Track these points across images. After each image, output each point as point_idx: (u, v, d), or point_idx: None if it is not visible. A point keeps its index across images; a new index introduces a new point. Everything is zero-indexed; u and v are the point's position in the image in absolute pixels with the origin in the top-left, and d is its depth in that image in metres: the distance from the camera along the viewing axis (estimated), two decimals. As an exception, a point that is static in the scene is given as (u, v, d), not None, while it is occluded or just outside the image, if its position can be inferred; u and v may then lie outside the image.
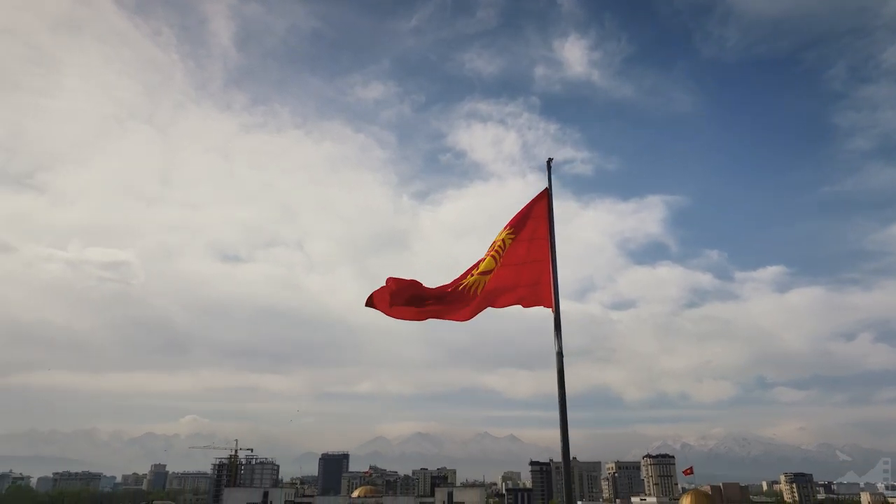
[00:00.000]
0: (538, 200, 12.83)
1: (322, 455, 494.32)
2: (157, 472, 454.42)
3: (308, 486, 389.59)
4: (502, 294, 12.55)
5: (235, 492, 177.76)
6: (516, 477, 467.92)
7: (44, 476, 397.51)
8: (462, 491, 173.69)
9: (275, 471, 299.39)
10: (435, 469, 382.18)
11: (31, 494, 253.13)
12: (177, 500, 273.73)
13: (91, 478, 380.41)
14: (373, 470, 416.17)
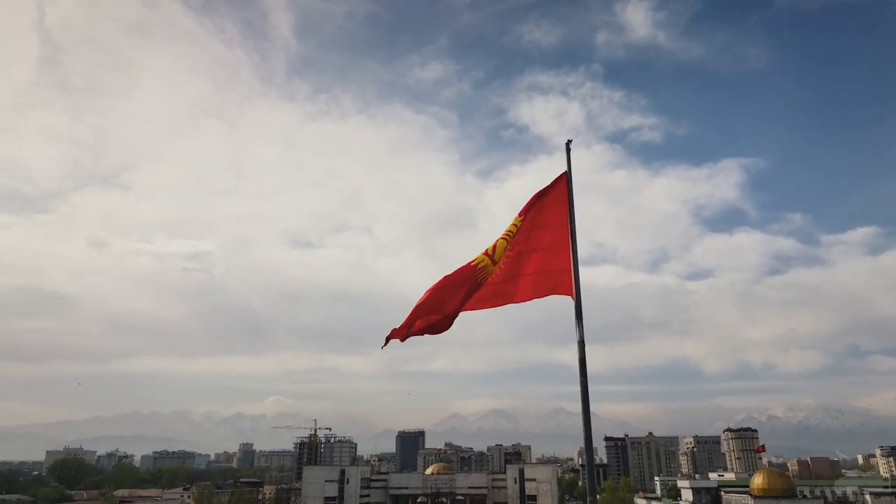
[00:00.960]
0: (555, 185, 12.02)
1: (399, 433, 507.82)
2: (245, 450, 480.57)
3: (386, 462, 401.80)
4: (518, 284, 11.88)
5: (314, 470, 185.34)
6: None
7: (146, 454, 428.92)
8: (534, 468, 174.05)
9: (353, 448, 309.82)
10: (510, 445, 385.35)
11: (133, 472, 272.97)
12: (263, 477, 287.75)
13: (186, 456, 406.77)
14: (448, 447, 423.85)
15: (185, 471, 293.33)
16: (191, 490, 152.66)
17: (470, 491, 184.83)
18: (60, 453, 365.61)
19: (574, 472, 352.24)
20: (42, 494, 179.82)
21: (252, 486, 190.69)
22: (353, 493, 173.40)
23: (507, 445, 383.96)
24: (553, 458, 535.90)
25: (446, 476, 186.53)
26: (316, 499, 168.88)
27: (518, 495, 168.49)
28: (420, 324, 10.74)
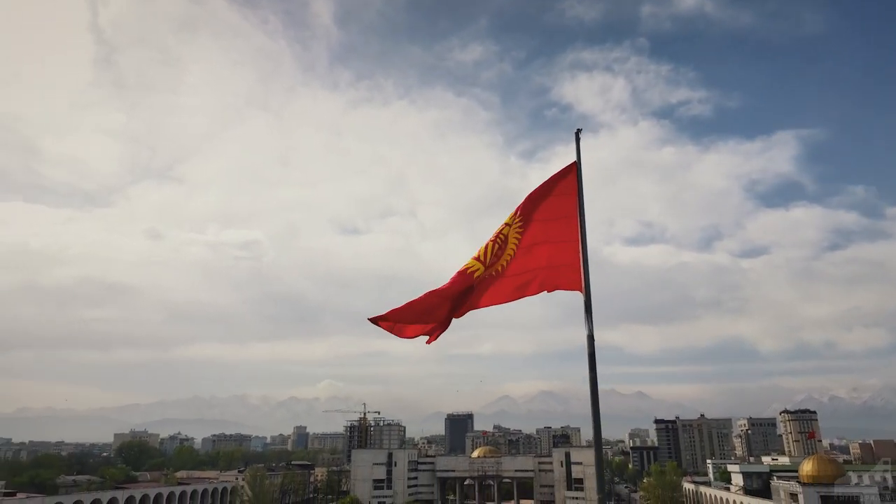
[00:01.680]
0: (563, 176, 11.44)
1: (447, 415, 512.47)
2: (299, 433, 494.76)
3: (435, 445, 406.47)
4: (525, 280, 11.50)
5: (362, 453, 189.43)
6: (644, 434, 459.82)
7: (206, 437, 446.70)
8: (580, 451, 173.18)
9: (402, 431, 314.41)
10: (559, 428, 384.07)
11: (193, 454, 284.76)
12: (316, 460, 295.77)
13: (243, 439, 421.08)
14: (496, 429, 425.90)
15: (241, 453, 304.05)
16: (244, 472, 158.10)
17: (517, 474, 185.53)
18: (126, 436, 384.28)
19: (624, 454, 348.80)
20: (109, 475, 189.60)
21: (304, 468, 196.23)
22: (401, 476, 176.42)
23: (557, 428, 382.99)
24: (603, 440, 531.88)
25: (493, 459, 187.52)
26: (364, 481, 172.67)
27: (565, 478, 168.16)
28: (409, 332, 10.62)
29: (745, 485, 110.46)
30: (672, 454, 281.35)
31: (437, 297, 10.46)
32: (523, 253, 11.40)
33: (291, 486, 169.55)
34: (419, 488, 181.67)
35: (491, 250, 11.02)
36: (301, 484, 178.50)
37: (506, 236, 11.30)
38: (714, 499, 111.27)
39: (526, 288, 11.56)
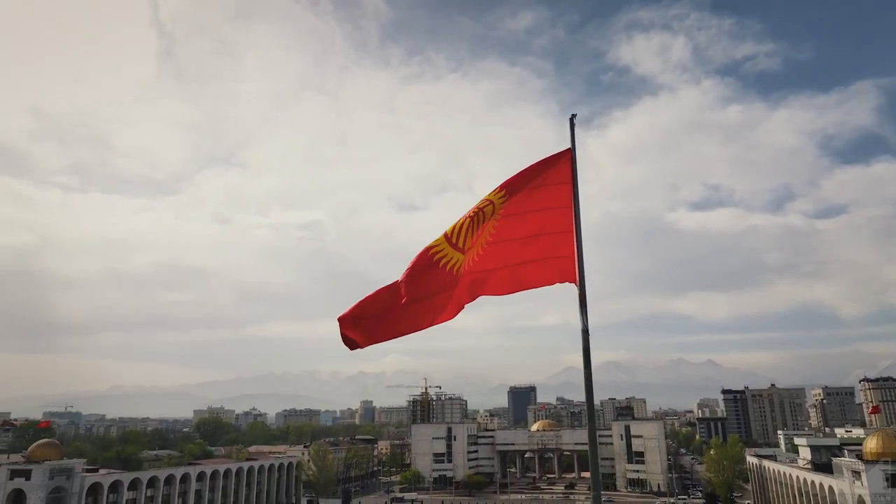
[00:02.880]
0: (555, 163, 10.46)
1: (510, 388, 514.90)
2: (366, 407, 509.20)
3: (498, 417, 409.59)
4: (518, 272, 10.70)
5: (422, 428, 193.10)
6: (713, 405, 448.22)
7: (279, 412, 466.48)
8: (640, 424, 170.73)
9: (463, 405, 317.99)
10: (623, 399, 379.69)
11: (264, 429, 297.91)
12: (381, 433, 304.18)
13: (312, 414, 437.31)
14: (559, 401, 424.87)
15: (310, 427, 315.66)
16: (309, 448, 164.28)
17: (576, 447, 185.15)
18: (204, 412, 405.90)
19: (691, 425, 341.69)
20: (187, 450, 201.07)
21: (367, 442, 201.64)
22: (461, 450, 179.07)
23: (621, 399, 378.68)
24: (670, 410, 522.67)
25: (552, 432, 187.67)
26: (425, 455, 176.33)
27: (625, 451, 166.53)
28: (381, 333, 9.56)
29: (812, 459, 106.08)
30: (741, 425, 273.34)
31: (402, 302, 9.45)
32: (504, 245, 10.61)
33: (355, 461, 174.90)
34: (479, 461, 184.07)
35: (466, 230, 10.03)
36: (365, 458, 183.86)
37: (485, 215, 10.24)
38: (776, 473, 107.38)
39: (519, 281, 10.83)
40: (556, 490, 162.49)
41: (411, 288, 9.55)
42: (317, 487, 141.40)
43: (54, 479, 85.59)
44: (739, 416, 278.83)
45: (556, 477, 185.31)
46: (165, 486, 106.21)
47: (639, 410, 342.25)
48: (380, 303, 9.49)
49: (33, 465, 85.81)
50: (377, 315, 9.47)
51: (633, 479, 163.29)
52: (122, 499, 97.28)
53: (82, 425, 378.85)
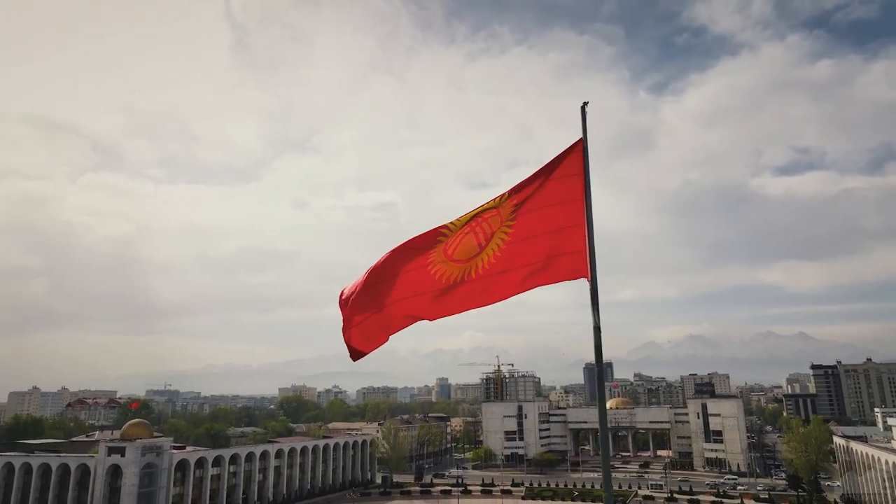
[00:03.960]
0: (566, 155, 10.05)
1: (586, 364, 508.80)
2: (441, 384, 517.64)
3: (574, 394, 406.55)
4: (524, 273, 10.34)
5: (492, 406, 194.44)
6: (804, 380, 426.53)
7: (359, 389, 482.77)
8: (718, 403, 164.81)
9: (536, 383, 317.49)
10: (705, 375, 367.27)
11: (344, 406, 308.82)
12: (455, 410, 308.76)
13: (390, 391, 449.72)
14: (637, 377, 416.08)
15: (387, 404, 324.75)
16: (382, 425, 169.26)
17: (651, 425, 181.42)
18: (288, 390, 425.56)
19: (777, 401, 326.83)
20: (271, 427, 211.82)
21: (440, 420, 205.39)
22: (532, 427, 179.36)
23: (703, 375, 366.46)
24: (756, 386, 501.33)
25: (625, 410, 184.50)
26: (496, 433, 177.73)
27: (702, 430, 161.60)
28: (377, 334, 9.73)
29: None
30: (833, 402, 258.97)
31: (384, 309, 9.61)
32: (518, 245, 10.24)
33: (427, 438, 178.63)
34: (552, 439, 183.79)
35: (461, 243, 9.97)
36: (437, 435, 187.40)
37: (492, 231, 10.13)
38: (864, 456, 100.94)
39: (526, 281, 10.43)
40: (629, 469, 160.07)
41: (399, 288, 9.75)
42: (390, 464, 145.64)
43: (145, 455, 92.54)
44: (831, 392, 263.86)
45: (630, 455, 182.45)
46: (246, 463, 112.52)
47: (721, 387, 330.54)
48: (370, 305, 9.67)
49: (127, 443, 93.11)
50: (372, 317, 9.67)
51: (711, 459, 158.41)
52: (207, 474, 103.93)
53: (179, 403, 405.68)
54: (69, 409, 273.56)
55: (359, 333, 9.72)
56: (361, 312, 9.68)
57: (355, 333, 9.69)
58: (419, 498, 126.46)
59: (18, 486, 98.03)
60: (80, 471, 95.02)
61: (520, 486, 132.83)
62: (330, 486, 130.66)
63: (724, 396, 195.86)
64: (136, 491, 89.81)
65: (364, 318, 9.66)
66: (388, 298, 9.78)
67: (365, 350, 9.82)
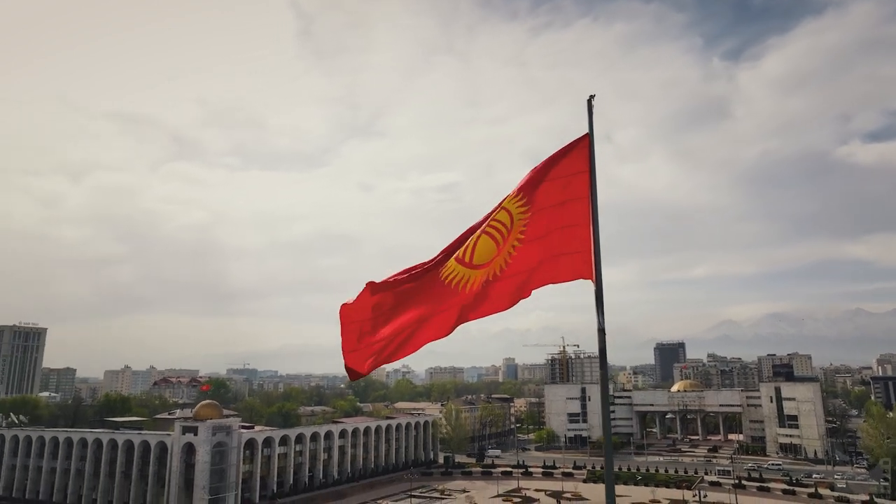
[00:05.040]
0: (570, 151, 9.57)
1: (656, 344, 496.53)
2: (508, 364, 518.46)
3: (643, 375, 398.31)
4: (531, 275, 9.87)
5: (555, 388, 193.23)
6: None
7: (427, 368, 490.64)
8: (793, 386, 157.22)
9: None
10: (785, 355, 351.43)
11: (410, 386, 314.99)
12: (521, 391, 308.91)
13: (457, 371, 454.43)
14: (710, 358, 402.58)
15: (453, 384, 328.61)
16: (444, 406, 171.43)
17: (721, 408, 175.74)
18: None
19: (865, 384, 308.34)
20: (339, 406, 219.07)
21: (503, 401, 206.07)
22: (596, 410, 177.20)
23: (782, 355, 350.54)
24: (843, 367, 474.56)
25: (693, 393, 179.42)
26: (559, 415, 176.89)
27: (775, 414, 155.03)
28: (387, 353, 9.12)
29: None
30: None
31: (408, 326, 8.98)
32: (528, 248, 9.84)
33: (490, 419, 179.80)
34: (617, 422, 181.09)
35: (476, 246, 9.41)
36: (500, 416, 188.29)
37: (508, 228, 9.61)
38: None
39: (529, 285, 9.99)
40: (697, 453, 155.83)
41: (419, 303, 9.21)
42: (451, 444, 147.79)
43: (216, 435, 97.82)
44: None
45: (699, 439, 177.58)
46: (311, 442, 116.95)
47: (801, 368, 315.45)
48: (386, 332, 9.14)
49: (199, 423, 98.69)
50: (384, 339, 9.13)
51: (786, 445, 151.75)
52: (275, 453, 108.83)
53: (256, 381, 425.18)
54: (155, 387, 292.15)
55: (362, 358, 9.12)
56: (368, 338, 9.15)
57: (357, 357, 9.09)
58: (480, 479, 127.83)
59: (106, 460, 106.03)
60: (158, 447, 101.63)
61: (581, 469, 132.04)
62: (393, 465, 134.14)
63: (802, 379, 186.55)
64: (208, 468, 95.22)
65: (372, 344, 9.11)
66: (401, 321, 9.20)
67: (363, 372, 9.23)
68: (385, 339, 9.09)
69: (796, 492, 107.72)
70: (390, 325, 9.08)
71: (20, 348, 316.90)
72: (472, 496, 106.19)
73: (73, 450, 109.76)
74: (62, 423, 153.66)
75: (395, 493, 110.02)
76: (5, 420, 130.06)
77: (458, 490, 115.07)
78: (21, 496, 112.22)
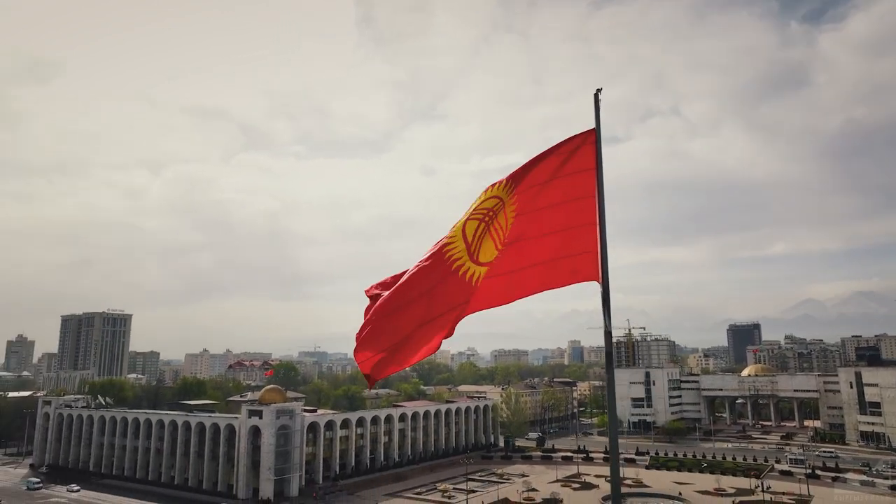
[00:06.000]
0: (576, 148, 9.07)
1: (729, 326, 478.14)
2: (573, 347, 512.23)
3: (715, 358, 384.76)
4: (528, 275, 9.55)
5: (618, 373, 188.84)
6: None
7: (492, 350, 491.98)
8: (874, 372, 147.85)
9: (671, 346, 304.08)
10: (872, 337, 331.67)
11: (473, 369, 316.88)
12: (586, 374, 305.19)
13: (521, 353, 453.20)
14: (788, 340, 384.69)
15: (518, 367, 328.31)
16: (504, 390, 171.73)
17: (796, 394, 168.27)
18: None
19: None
20: (403, 389, 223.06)
21: (566, 385, 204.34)
22: (661, 394, 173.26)
23: (869, 337, 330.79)
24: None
25: (765, 378, 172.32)
26: (622, 399, 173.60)
27: (855, 401, 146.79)
28: (400, 357, 8.75)
29: None
30: None
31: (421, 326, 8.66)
32: (523, 245, 9.52)
33: (552, 403, 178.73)
34: (683, 406, 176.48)
35: (480, 237, 9.11)
36: (562, 400, 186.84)
37: (496, 215, 9.25)
38: None
39: (530, 284, 9.69)
40: (769, 440, 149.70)
41: (436, 304, 8.77)
42: (511, 429, 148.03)
43: (279, 418, 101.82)
44: None
45: (772, 425, 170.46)
46: (372, 425, 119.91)
47: (890, 350, 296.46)
48: (399, 331, 8.77)
49: (263, 407, 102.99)
50: (399, 342, 8.74)
51: (867, 433, 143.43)
52: (336, 435, 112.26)
53: (326, 364, 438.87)
54: (230, 370, 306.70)
55: (376, 363, 8.74)
56: (382, 344, 8.75)
57: (371, 364, 8.70)
58: (540, 463, 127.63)
59: (182, 440, 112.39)
60: (228, 429, 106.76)
61: (644, 455, 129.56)
62: (453, 448, 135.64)
63: (886, 363, 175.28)
64: (273, 449, 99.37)
65: (384, 350, 8.71)
66: (414, 323, 8.80)
67: (378, 378, 8.83)
68: (401, 342, 8.71)
69: (876, 483, 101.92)
70: (405, 328, 8.69)
71: (109, 333, 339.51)
72: (529, 481, 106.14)
73: (152, 430, 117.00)
74: (145, 404, 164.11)
75: (455, 476, 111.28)
76: (94, 401, 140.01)
77: (517, 474, 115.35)
78: (109, 472, 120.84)
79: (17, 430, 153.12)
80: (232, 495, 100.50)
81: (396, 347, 8.55)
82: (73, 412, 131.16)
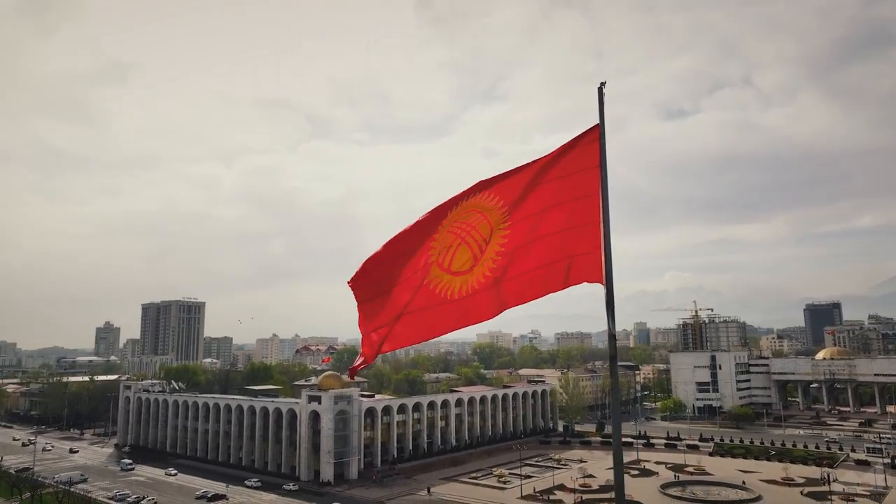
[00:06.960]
0: (577, 145, 8.86)
1: (807, 305, 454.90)
2: (639, 328, 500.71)
3: (791, 340, 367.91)
4: (523, 281, 9.28)
5: (681, 356, 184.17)
6: None
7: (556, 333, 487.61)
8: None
9: (741, 327, 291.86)
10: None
11: (534, 352, 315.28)
12: (651, 357, 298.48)
13: (584, 336, 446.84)
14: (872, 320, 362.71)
15: (580, 350, 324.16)
16: (563, 375, 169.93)
17: (877, 378, 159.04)
18: (485, 335, 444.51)
19: None
20: (463, 373, 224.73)
21: (628, 369, 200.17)
22: (728, 379, 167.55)
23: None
24: None
25: (842, 361, 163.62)
26: (686, 384, 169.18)
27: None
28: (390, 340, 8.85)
29: None
30: None
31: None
32: (529, 247, 9.29)
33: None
34: (752, 391, 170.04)
35: (464, 257, 9.07)
36: (623, 384, 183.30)
37: (486, 238, 9.22)
38: None
39: (532, 288, 9.39)
40: (846, 426, 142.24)
41: (401, 298, 8.99)
42: (569, 413, 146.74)
43: (337, 403, 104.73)
44: None
45: (849, 411, 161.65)
46: (429, 410, 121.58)
47: None
48: (387, 310, 8.99)
49: (322, 393, 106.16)
50: (390, 321, 8.90)
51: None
52: (394, 420, 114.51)
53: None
54: (297, 354, 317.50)
55: (368, 344, 8.80)
56: (374, 324, 8.94)
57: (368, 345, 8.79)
58: (599, 449, 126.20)
59: (248, 424, 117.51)
60: (289, 414, 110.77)
61: (708, 442, 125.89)
62: (511, 433, 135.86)
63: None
64: (332, 434, 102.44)
65: (375, 330, 8.84)
66: (395, 310, 8.91)
67: (369, 361, 8.83)
68: (385, 326, 8.81)
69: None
70: (385, 313, 8.85)
71: (185, 320, 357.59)
72: (585, 467, 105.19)
73: (220, 414, 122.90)
74: (216, 388, 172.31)
75: (512, 460, 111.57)
76: (168, 386, 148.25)
77: (575, 460, 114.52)
78: (184, 453, 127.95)
79: (104, 412, 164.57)
80: (295, 477, 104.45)
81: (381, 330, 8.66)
82: (150, 396, 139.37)
